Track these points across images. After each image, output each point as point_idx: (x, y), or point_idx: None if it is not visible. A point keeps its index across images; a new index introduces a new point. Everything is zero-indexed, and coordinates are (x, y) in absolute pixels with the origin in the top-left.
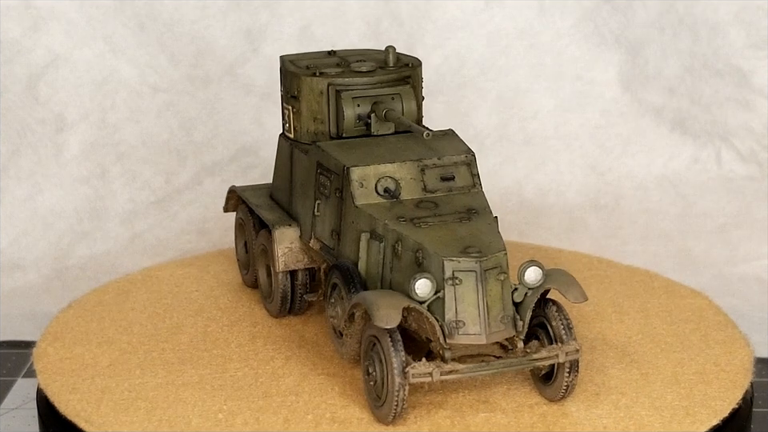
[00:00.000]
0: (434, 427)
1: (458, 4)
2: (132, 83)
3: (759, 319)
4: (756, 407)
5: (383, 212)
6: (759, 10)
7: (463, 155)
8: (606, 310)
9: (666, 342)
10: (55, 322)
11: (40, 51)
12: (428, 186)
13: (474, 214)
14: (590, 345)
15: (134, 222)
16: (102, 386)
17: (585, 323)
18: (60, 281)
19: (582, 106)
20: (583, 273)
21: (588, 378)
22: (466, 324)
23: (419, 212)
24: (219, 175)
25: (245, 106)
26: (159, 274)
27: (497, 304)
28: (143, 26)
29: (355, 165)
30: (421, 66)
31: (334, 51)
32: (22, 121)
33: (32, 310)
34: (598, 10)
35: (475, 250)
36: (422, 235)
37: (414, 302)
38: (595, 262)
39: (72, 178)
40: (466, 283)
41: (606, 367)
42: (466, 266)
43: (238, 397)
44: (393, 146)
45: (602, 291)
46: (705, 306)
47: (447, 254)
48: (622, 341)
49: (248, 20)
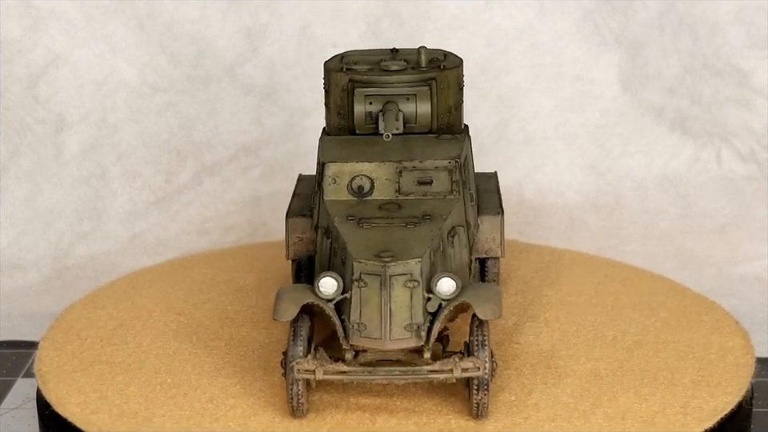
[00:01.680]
0: (337, 427)
1: (458, 4)
2: (132, 83)
3: (759, 319)
4: (756, 407)
5: (341, 209)
6: (759, 10)
7: (446, 161)
8: (606, 309)
9: (666, 342)
10: (55, 322)
11: (40, 51)
12: (402, 189)
13: (426, 220)
14: (589, 344)
15: (134, 222)
16: (101, 386)
17: (585, 322)
18: (60, 281)
19: (582, 106)
20: (583, 273)
21: (588, 377)
22: (368, 327)
23: (376, 213)
24: (219, 175)
25: (245, 106)
26: (159, 274)
27: (402, 311)
28: (143, 26)
29: (333, 161)
30: (459, 67)
31: (397, 49)
32: (22, 121)
33: (32, 310)
34: (598, 10)
35: (388, 255)
36: (353, 236)
37: (319, 299)
38: (595, 261)
39: (72, 178)
40: (371, 286)
41: (605, 367)
42: (372, 270)
43: (239, 397)
44: (385, 145)
45: (601, 291)
46: (706, 306)
47: (358, 255)
48: (622, 340)
49: (248, 20)
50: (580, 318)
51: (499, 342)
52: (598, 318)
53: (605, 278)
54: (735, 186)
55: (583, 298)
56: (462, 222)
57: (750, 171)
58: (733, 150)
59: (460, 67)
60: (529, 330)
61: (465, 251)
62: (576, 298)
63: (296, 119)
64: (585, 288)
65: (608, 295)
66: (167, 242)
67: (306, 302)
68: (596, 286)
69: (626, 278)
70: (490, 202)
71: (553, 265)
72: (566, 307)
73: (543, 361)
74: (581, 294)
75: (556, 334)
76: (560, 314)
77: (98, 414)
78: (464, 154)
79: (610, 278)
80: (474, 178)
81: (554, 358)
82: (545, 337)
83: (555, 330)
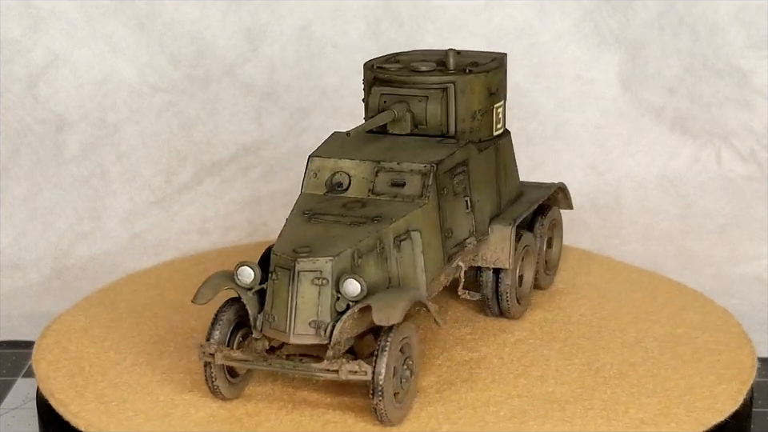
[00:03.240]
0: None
1: (458, 4)
2: (132, 83)
3: (759, 319)
4: (756, 407)
5: (307, 203)
6: (759, 10)
7: (422, 165)
8: (607, 309)
9: (666, 342)
10: (55, 322)
11: (40, 51)
12: (376, 188)
13: (375, 221)
14: (590, 344)
15: (134, 222)
16: (101, 386)
17: (586, 322)
18: (60, 281)
19: (582, 105)
20: (584, 272)
21: (588, 376)
22: (276, 320)
23: (334, 210)
24: (219, 175)
25: (245, 106)
26: (159, 274)
27: (309, 308)
28: (143, 26)
29: (318, 155)
30: (489, 73)
31: (458, 51)
32: (22, 121)
33: (32, 310)
34: (598, 9)
35: (305, 251)
36: (291, 229)
37: (237, 286)
38: (596, 261)
39: (72, 178)
40: (281, 280)
41: (606, 366)
42: (284, 263)
43: (241, 397)
44: (379, 144)
45: (602, 291)
46: (707, 306)
47: (277, 249)
48: (622, 340)
49: (248, 20)
50: (580, 316)
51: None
52: (598, 317)
53: (605, 277)
54: (735, 186)
55: (583, 297)
56: (424, 227)
57: (750, 171)
58: (733, 150)
59: (491, 73)
60: (528, 328)
61: (421, 257)
62: (576, 298)
63: (296, 119)
64: (586, 287)
65: (609, 294)
66: (167, 242)
67: (224, 288)
68: (596, 286)
69: (627, 278)
70: (509, 213)
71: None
72: (566, 307)
73: (542, 359)
74: (580, 294)
75: (556, 332)
76: (560, 314)
77: (97, 414)
78: (454, 160)
79: (610, 278)
80: (497, 184)
81: (553, 358)
82: (545, 335)
83: (555, 329)
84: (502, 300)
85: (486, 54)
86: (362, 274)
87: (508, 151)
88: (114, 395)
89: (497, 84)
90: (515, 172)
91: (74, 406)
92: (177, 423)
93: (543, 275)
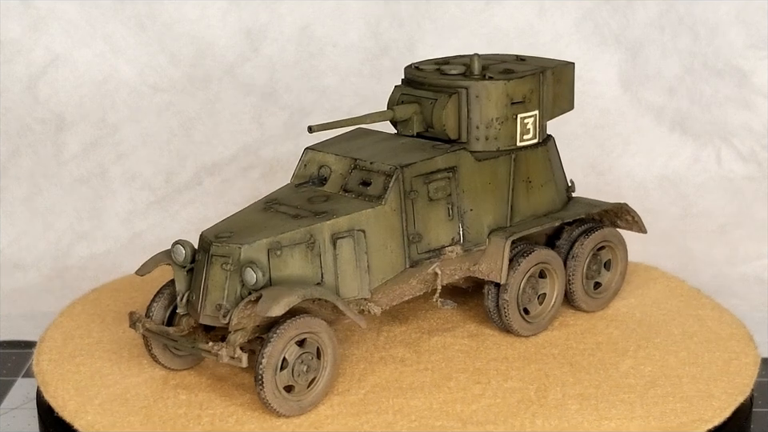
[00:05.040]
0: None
1: (458, 4)
2: (132, 83)
3: (759, 319)
4: (756, 407)
5: (281, 192)
6: (759, 10)
7: (389, 167)
8: (607, 308)
9: (668, 342)
10: (55, 322)
11: (40, 51)
12: (347, 185)
13: (316, 216)
14: (591, 344)
15: (134, 222)
16: (101, 387)
17: (586, 321)
18: (60, 281)
19: (582, 105)
20: None
21: (589, 376)
22: (193, 299)
23: (296, 202)
24: (219, 175)
25: (245, 106)
26: (159, 274)
27: (216, 291)
28: (143, 25)
29: (312, 148)
30: (509, 82)
31: (523, 58)
32: (22, 121)
33: (32, 310)
34: (598, 9)
35: (225, 236)
36: (238, 216)
37: (173, 263)
38: None
39: (72, 178)
40: (200, 261)
41: (606, 365)
42: (203, 246)
43: (242, 397)
44: (375, 143)
45: None
46: (708, 305)
47: (206, 232)
48: (624, 340)
49: (248, 20)
50: (581, 316)
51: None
52: (599, 316)
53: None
54: (735, 186)
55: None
56: (375, 228)
57: (750, 171)
58: (733, 149)
59: (513, 82)
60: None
61: (364, 257)
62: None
63: (296, 119)
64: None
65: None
66: (167, 242)
67: (164, 263)
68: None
69: (628, 277)
70: (516, 227)
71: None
72: (566, 306)
73: (543, 359)
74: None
75: (556, 331)
76: (560, 313)
77: (97, 414)
78: (433, 165)
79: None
80: (510, 196)
81: (553, 357)
82: (543, 335)
83: (555, 328)
84: (501, 314)
85: (552, 62)
86: (284, 266)
87: (537, 163)
88: (113, 395)
89: (524, 93)
90: (550, 187)
91: (73, 406)
92: (177, 424)
93: (585, 297)
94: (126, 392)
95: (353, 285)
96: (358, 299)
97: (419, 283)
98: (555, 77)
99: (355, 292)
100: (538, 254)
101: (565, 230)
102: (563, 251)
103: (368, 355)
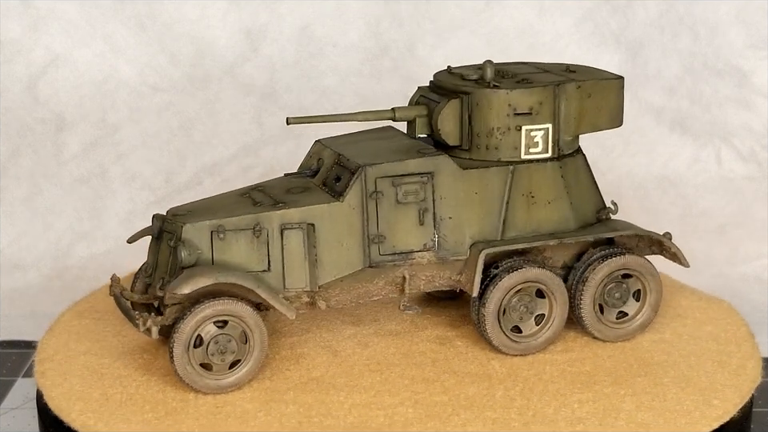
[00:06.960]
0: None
1: (458, 4)
2: (132, 83)
3: (759, 319)
4: (756, 407)
5: (269, 181)
6: (759, 10)
7: (354, 165)
8: None
9: (669, 342)
10: (55, 322)
11: (40, 51)
12: (327, 179)
13: (273, 206)
14: (592, 343)
15: (134, 222)
16: (101, 387)
17: None
18: (60, 281)
19: None
20: None
21: (589, 376)
22: (151, 271)
23: (274, 191)
24: (219, 175)
25: (245, 106)
26: None
27: (163, 266)
28: (143, 25)
29: (320, 141)
30: (512, 91)
31: (573, 69)
32: (22, 121)
33: (32, 310)
34: (598, 9)
35: (181, 214)
36: (211, 199)
37: (151, 237)
38: None
39: (72, 178)
40: (155, 237)
41: (607, 365)
42: (156, 221)
43: (242, 395)
44: (373, 142)
45: None
46: (708, 304)
47: (169, 209)
48: (625, 339)
49: (248, 20)
50: None
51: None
52: None
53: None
54: (735, 186)
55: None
56: (328, 223)
57: (750, 171)
58: (733, 149)
59: (517, 91)
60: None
61: (313, 250)
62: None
63: None
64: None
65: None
66: None
67: (145, 235)
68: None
69: None
70: (504, 242)
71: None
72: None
73: (540, 359)
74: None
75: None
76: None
77: (97, 414)
78: (404, 168)
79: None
80: (504, 209)
81: (550, 355)
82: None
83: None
84: (481, 328)
85: (597, 74)
86: (228, 249)
87: (544, 179)
88: (113, 395)
89: (531, 104)
90: (561, 204)
91: (73, 406)
92: (177, 424)
93: (599, 326)
94: (126, 392)
95: (300, 276)
96: (307, 291)
97: (388, 285)
98: (583, 90)
99: (302, 284)
100: (525, 272)
101: (587, 252)
102: (577, 273)
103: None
